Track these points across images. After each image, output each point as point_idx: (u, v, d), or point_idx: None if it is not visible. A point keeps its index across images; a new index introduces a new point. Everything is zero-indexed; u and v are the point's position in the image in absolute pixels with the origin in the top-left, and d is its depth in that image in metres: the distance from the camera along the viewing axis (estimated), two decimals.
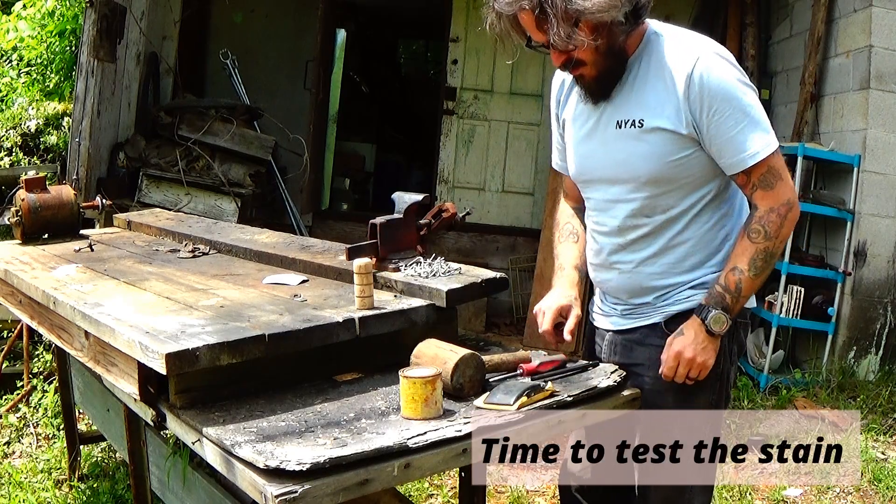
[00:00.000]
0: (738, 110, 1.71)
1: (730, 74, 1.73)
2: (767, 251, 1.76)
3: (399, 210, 2.11)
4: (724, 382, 1.88)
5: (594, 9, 1.63)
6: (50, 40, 5.17)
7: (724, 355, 1.84)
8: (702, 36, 1.80)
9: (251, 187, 5.24)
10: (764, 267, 1.77)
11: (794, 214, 1.78)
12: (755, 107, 1.74)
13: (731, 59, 1.77)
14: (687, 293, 1.83)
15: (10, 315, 3.36)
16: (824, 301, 4.62)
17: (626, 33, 1.73)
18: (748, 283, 1.76)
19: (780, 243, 1.78)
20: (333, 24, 6.56)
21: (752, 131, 1.72)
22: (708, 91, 1.70)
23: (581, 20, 1.65)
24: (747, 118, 1.72)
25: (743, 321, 1.90)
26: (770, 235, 1.75)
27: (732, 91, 1.72)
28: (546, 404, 1.64)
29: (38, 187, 2.81)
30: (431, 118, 6.90)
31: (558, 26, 1.64)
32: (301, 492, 1.28)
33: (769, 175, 1.74)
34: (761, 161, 1.72)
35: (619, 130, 1.80)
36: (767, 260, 1.77)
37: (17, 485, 3.11)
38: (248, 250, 2.52)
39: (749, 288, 1.77)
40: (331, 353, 1.77)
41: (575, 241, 2.07)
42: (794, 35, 5.36)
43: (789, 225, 1.78)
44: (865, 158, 4.50)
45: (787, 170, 1.78)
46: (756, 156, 1.72)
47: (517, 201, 6.36)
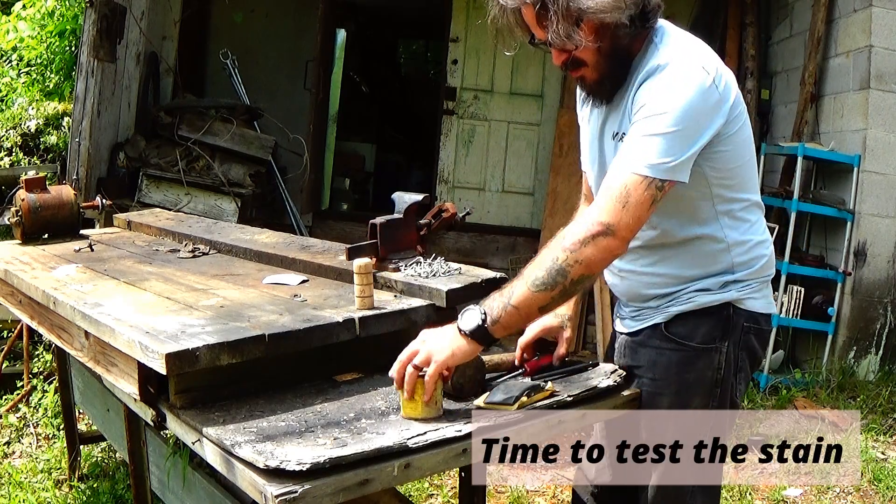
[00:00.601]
0: (650, 127, 1.58)
1: (678, 95, 1.58)
2: (555, 264, 1.57)
3: (399, 210, 2.11)
4: (725, 389, 1.80)
5: (597, 8, 1.58)
6: (50, 40, 5.16)
7: (725, 362, 1.77)
8: (693, 46, 1.68)
9: (251, 187, 5.24)
10: (546, 282, 1.57)
11: (606, 243, 1.56)
12: (671, 135, 1.57)
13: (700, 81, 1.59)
14: (688, 294, 1.79)
15: (10, 315, 3.36)
16: (824, 301, 4.62)
17: (631, 37, 1.66)
18: (522, 294, 1.58)
19: (575, 265, 1.56)
20: (333, 24, 6.56)
21: (641, 147, 1.58)
22: (646, 96, 1.61)
23: (583, 19, 1.60)
24: (651, 138, 1.57)
25: (754, 326, 1.80)
26: (566, 247, 1.57)
27: (661, 108, 1.58)
28: (546, 404, 1.64)
29: (38, 187, 2.81)
30: (431, 118, 6.90)
31: (558, 24, 1.59)
32: (301, 492, 1.28)
33: (615, 189, 1.58)
34: (620, 171, 1.59)
35: (612, 142, 1.76)
36: (553, 275, 1.56)
37: (17, 485, 3.11)
38: (248, 250, 2.52)
39: (523, 299, 1.57)
40: (331, 353, 1.77)
41: None
42: (794, 35, 5.36)
43: (595, 251, 1.56)
44: (865, 158, 4.50)
45: (640, 208, 1.57)
46: (621, 164, 1.60)
47: (517, 201, 6.37)
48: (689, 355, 1.78)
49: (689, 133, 1.59)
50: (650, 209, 1.60)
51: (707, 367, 1.78)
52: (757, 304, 1.80)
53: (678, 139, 1.58)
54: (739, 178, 1.75)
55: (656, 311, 1.82)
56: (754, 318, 1.80)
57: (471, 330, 1.59)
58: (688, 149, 1.59)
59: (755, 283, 1.80)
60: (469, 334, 1.59)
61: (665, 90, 1.60)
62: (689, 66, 1.61)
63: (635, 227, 1.60)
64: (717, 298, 1.77)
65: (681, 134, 1.58)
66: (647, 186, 1.57)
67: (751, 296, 1.79)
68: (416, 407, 1.54)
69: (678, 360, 1.79)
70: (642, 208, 1.58)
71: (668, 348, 1.79)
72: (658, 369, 1.80)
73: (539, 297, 1.58)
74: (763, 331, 1.84)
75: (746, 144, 1.74)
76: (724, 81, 1.64)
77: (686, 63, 1.61)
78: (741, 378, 1.83)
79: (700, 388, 1.79)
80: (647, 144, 1.58)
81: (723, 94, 1.63)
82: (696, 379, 1.79)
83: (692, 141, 1.59)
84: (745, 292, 1.78)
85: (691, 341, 1.78)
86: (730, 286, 1.77)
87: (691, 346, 1.78)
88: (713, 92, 1.60)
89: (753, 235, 1.79)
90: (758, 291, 1.80)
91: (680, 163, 1.58)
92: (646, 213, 1.60)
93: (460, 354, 1.59)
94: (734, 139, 1.69)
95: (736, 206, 1.76)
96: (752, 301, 1.79)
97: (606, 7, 1.58)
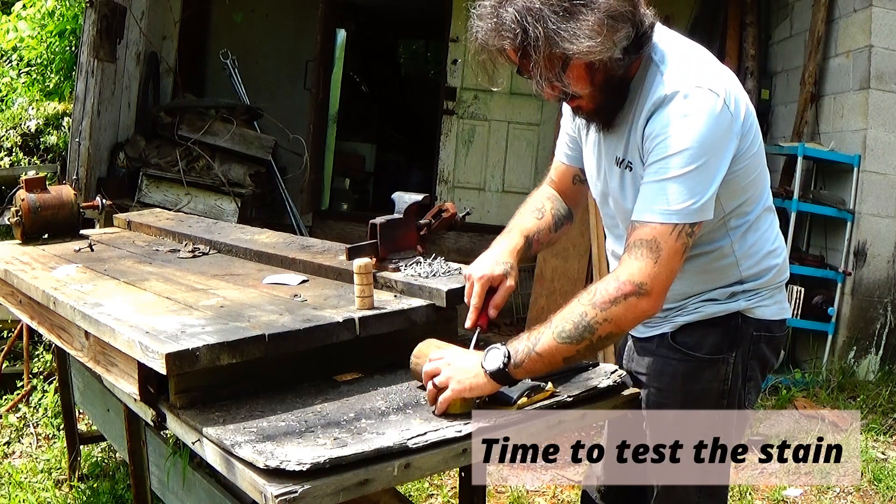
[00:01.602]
0: (669, 169, 1.51)
1: (691, 129, 1.50)
2: (583, 319, 1.52)
3: (399, 210, 2.11)
4: (732, 400, 1.75)
5: (584, 51, 1.46)
6: (50, 40, 5.16)
7: (733, 373, 1.73)
8: (695, 63, 1.59)
9: (251, 187, 5.25)
10: (572, 336, 1.52)
11: (639, 305, 1.51)
12: (692, 174, 1.50)
13: (711, 107, 1.51)
14: (695, 305, 1.74)
15: (10, 315, 3.36)
16: (824, 301, 4.62)
17: (626, 67, 1.56)
18: (548, 344, 1.54)
19: (603, 322, 1.51)
20: (333, 24, 6.56)
21: (662, 193, 1.51)
22: (658, 133, 1.53)
23: (569, 63, 1.50)
24: (671, 182, 1.51)
25: (766, 334, 1.75)
26: (596, 303, 1.52)
27: (677, 146, 1.50)
28: (546, 404, 1.64)
29: (38, 187, 2.81)
30: (431, 118, 6.90)
31: (542, 73, 1.50)
32: (301, 492, 1.28)
33: (644, 246, 1.52)
34: (647, 224, 1.53)
35: (617, 169, 1.68)
36: (580, 330, 1.52)
37: (17, 485, 3.11)
38: (248, 250, 2.52)
39: (547, 349, 1.54)
40: (331, 353, 1.77)
41: (538, 217, 1.90)
42: (794, 35, 5.36)
43: (626, 311, 1.51)
44: (865, 158, 4.50)
45: (673, 259, 1.52)
46: (645, 214, 1.53)
47: (517, 201, 6.22)
48: (695, 366, 1.75)
49: (710, 166, 1.52)
50: (682, 257, 1.55)
51: (714, 379, 1.74)
52: (768, 312, 1.76)
53: (700, 176, 1.51)
54: (753, 190, 1.70)
55: (664, 320, 1.78)
56: (765, 326, 1.75)
57: (492, 371, 1.57)
58: (711, 184, 1.53)
59: (766, 291, 1.75)
60: (490, 374, 1.57)
61: (678, 125, 1.51)
62: (697, 93, 1.52)
63: (670, 279, 1.54)
64: (724, 308, 1.73)
65: (702, 170, 1.51)
66: (678, 235, 1.52)
67: (761, 304, 1.75)
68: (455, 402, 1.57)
69: (685, 370, 1.76)
70: (675, 260, 1.53)
71: (674, 358, 1.76)
72: (664, 379, 1.78)
73: (563, 349, 1.55)
74: (775, 337, 1.78)
75: (759, 154, 1.68)
76: (733, 98, 1.56)
77: (694, 90, 1.52)
78: (751, 387, 1.78)
79: (707, 399, 1.75)
80: (669, 189, 1.51)
81: (734, 113, 1.56)
82: (702, 390, 1.75)
83: (714, 174, 1.53)
84: (754, 301, 1.74)
85: (698, 352, 1.74)
86: (738, 296, 1.73)
87: (698, 357, 1.74)
88: (725, 114, 1.53)
89: (764, 245, 1.74)
90: (769, 298, 1.76)
91: (706, 201, 1.52)
92: (679, 263, 1.54)
93: (477, 391, 1.57)
94: (748, 153, 1.64)
95: (748, 218, 1.71)
96: (763, 309, 1.75)
97: (595, 49, 1.47)
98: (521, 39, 1.48)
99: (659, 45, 1.61)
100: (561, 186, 1.97)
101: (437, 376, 1.57)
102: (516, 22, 1.48)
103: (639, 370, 1.83)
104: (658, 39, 1.61)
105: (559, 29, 1.46)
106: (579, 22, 1.46)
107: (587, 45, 1.46)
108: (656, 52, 1.61)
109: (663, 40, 1.62)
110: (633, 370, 1.85)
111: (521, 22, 1.47)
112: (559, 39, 1.46)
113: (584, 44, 1.46)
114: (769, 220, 1.77)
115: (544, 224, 1.90)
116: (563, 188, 1.97)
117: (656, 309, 1.55)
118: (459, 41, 6.24)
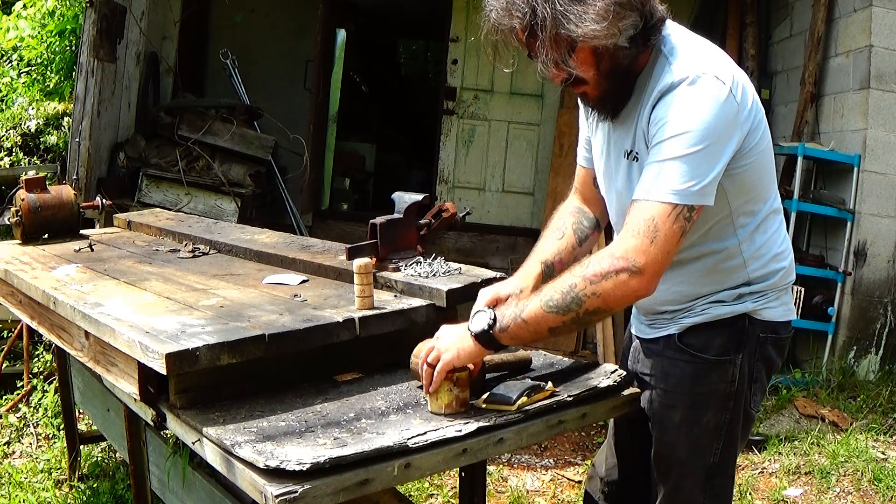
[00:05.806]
0: (671, 150, 1.51)
1: (696, 112, 1.51)
2: (572, 290, 1.52)
3: (399, 210, 2.11)
4: (739, 402, 1.75)
5: (590, 35, 1.49)
6: (50, 40, 5.17)
7: (740, 374, 1.72)
8: (704, 53, 1.61)
9: (251, 187, 5.24)
10: (559, 306, 1.53)
11: (630, 283, 1.50)
12: (693, 156, 1.50)
13: (717, 94, 1.52)
14: (703, 306, 1.74)
15: (10, 315, 3.36)
16: (824, 301, 4.62)
17: (633, 56, 1.58)
18: (534, 311, 1.55)
19: (591, 296, 1.51)
20: (333, 24, 6.56)
21: (663, 173, 1.52)
22: (662, 116, 1.54)
23: (576, 46, 1.52)
24: (672, 162, 1.51)
25: (772, 336, 1.75)
26: (587, 276, 1.52)
27: (680, 128, 1.51)
28: (546, 404, 1.64)
29: (38, 187, 2.81)
30: (431, 118, 6.90)
31: (547, 52, 1.52)
32: (301, 492, 1.28)
33: (642, 223, 1.51)
34: (645, 202, 1.53)
35: (625, 161, 1.69)
36: (567, 301, 1.53)
37: (17, 485, 3.11)
38: (248, 250, 2.52)
39: (533, 315, 1.55)
40: (331, 353, 1.77)
41: (559, 237, 1.91)
42: (794, 35, 5.37)
43: (615, 288, 1.50)
44: (865, 158, 4.50)
45: (670, 241, 1.51)
46: (644, 193, 1.53)
47: (517, 201, 6.37)
48: (702, 368, 1.74)
49: (713, 150, 1.52)
50: (680, 241, 1.54)
51: (720, 380, 1.74)
52: (774, 314, 1.75)
53: (701, 159, 1.51)
54: (760, 189, 1.70)
55: (671, 321, 1.78)
56: (772, 328, 1.75)
57: (477, 332, 1.59)
58: (713, 169, 1.52)
59: (773, 292, 1.75)
60: (475, 336, 1.59)
61: (682, 109, 1.52)
62: (703, 79, 1.53)
63: (665, 262, 1.53)
64: (732, 310, 1.72)
65: (704, 153, 1.51)
66: (676, 217, 1.51)
67: (768, 305, 1.74)
68: (436, 402, 1.57)
69: (691, 372, 1.75)
70: (672, 241, 1.52)
71: (681, 360, 1.75)
72: (671, 381, 1.77)
73: (549, 318, 1.56)
74: (781, 339, 1.78)
75: (768, 152, 1.68)
76: (740, 88, 1.57)
77: (700, 77, 1.54)
78: (756, 389, 1.78)
79: (713, 401, 1.74)
80: (670, 169, 1.51)
81: (741, 102, 1.56)
82: (709, 392, 1.75)
83: (716, 160, 1.53)
84: (761, 303, 1.73)
85: (705, 354, 1.73)
86: (745, 298, 1.73)
87: (705, 359, 1.74)
88: (731, 102, 1.54)
89: (772, 248, 1.74)
90: (775, 300, 1.76)
91: (707, 184, 1.52)
92: (675, 246, 1.53)
93: (465, 356, 1.59)
94: (756, 149, 1.63)
95: (755, 218, 1.71)
96: (770, 311, 1.75)
97: (599, 34, 1.50)
98: (529, 19, 1.52)
99: (670, 39, 1.63)
100: (584, 192, 1.97)
101: (430, 354, 1.60)
102: (526, 2, 1.52)
103: (645, 371, 1.83)
104: (669, 34, 1.64)
105: (566, 11, 1.49)
106: (587, 6, 1.49)
107: (592, 29, 1.49)
108: (666, 45, 1.62)
109: (674, 35, 1.65)
110: (639, 371, 1.85)
111: (531, 2, 1.51)
112: (565, 21, 1.50)
113: (589, 27, 1.49)
114: (777, 222, 1.77)
115: (566, 244, 1.90)
116: (586, 194, 1.97)
117: (647, 291, 1.54)
118: (459, 41, 6.24)
